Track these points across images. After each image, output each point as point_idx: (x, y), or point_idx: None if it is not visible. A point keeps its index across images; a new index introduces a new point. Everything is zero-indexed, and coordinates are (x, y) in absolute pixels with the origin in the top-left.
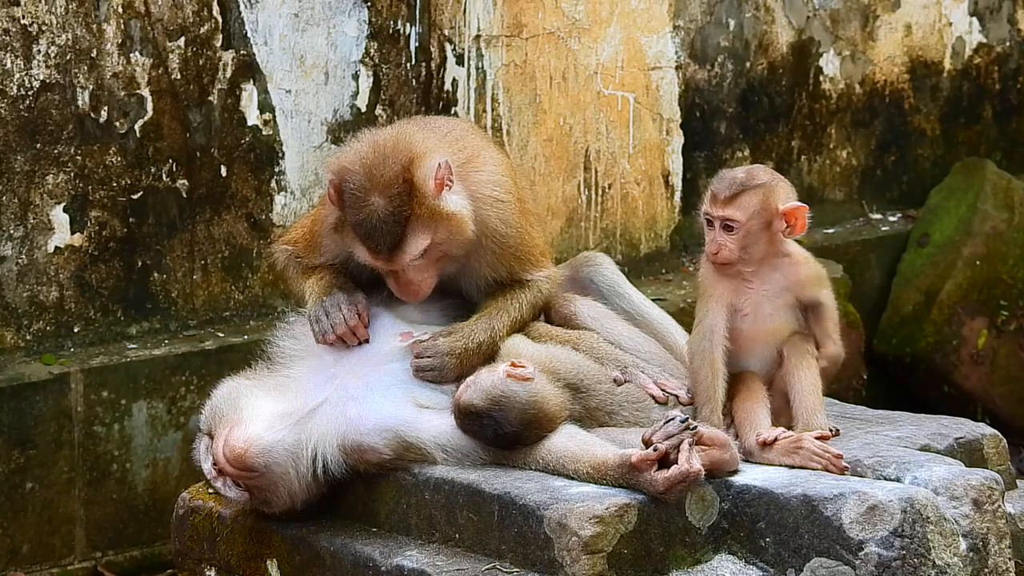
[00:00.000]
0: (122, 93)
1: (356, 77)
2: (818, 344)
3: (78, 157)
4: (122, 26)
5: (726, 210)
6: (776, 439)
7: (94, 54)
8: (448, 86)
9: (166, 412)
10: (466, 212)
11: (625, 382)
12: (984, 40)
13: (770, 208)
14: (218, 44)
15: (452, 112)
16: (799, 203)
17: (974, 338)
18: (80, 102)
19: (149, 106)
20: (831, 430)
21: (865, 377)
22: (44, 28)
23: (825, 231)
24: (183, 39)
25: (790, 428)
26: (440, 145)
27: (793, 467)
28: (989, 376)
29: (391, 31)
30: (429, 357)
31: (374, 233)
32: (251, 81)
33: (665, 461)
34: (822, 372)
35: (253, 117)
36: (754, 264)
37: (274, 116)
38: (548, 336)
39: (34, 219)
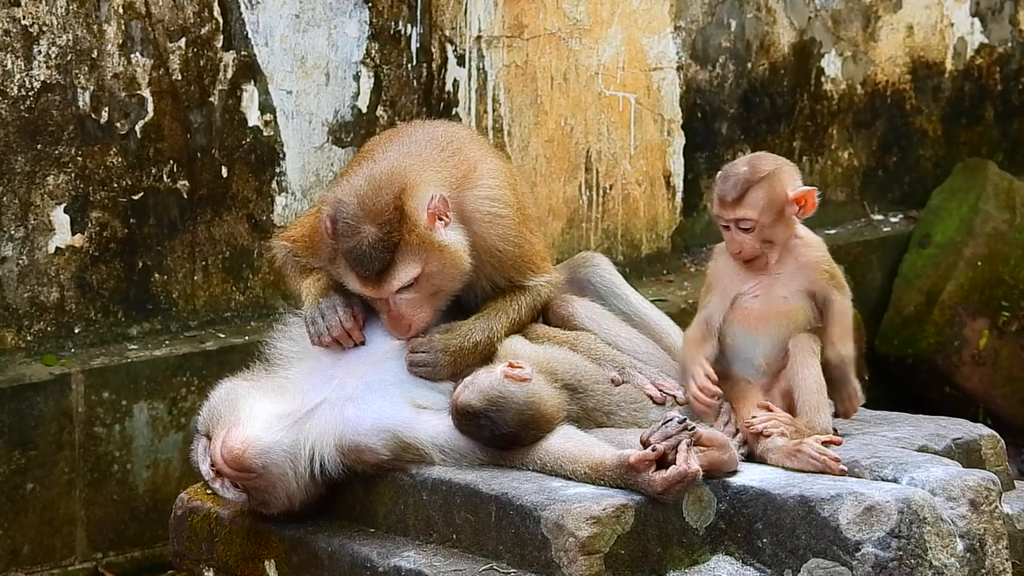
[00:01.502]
0: (123, 94)
1: (357, 78)
2: (824, 345)
3: (79, 158)
4: (123, 27)
5: (737, 211)
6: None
7: (95, 55)
8: (449, 87)
9: (167, 413)
10: (460, 246)
11: (623, 383)
12: (986, 41)
13: (780, 197)
14: (219, 45)
15: (453, 113)
16: (807, 187)
17: (976, 339)
18: (81, 103)
19: (150, 107)
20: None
21: (867, 378)
22: (45, 29)
23: (827, 232)
24: (184, 40)
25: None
26: (436, 168)
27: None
28: (991, 377)
29: (392, 32)
30: (423, 352)
31: (363, 259)
32: (252, 82)
33: (663, 462)
34: (834, 375)
35: (254, 118)
36: (779, 250)
37: (275, 117)
38: (546, 337)
39: (35, 220)
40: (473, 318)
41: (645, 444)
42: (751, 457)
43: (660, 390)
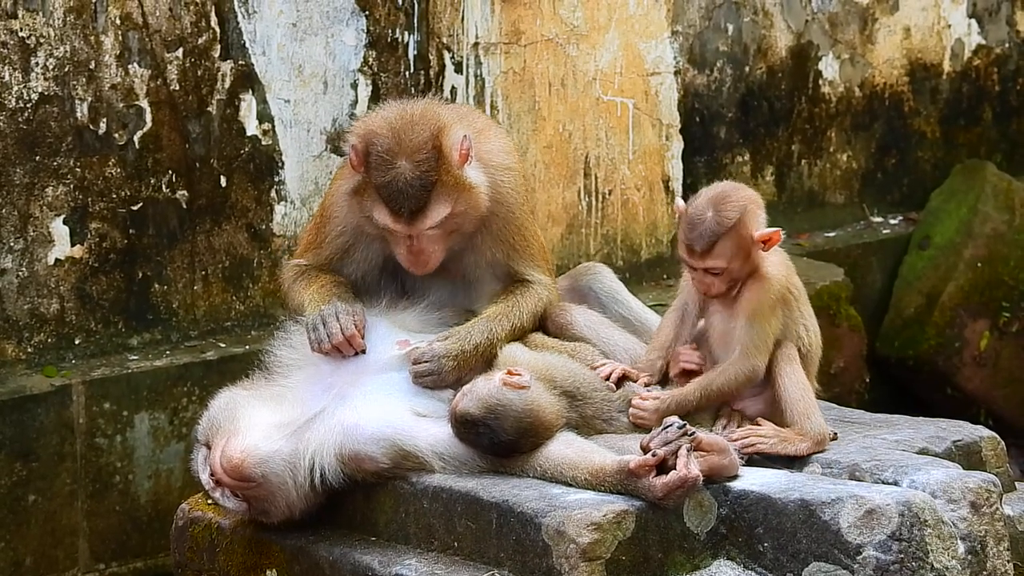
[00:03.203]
0: (121, 104)
1: (355, 86)
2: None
3: (77, 169)
4: (120, 38)
5: (706, 261)
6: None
7: (92, 66)
8: (447, 94)
9: (168, 423)
10: (484, 187)
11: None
12: (983, 42)
13: (747, 242)
14: (216, 54)
15: None
16: (773, 229)
17: (976, 340)
18: (79, 114)
19: (148, 117)
20: (830, 433)
21: (867, 380)
22: (42, 40)
23: (826, 235)
24: (181, 50)
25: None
26: (456, 116)
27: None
28: (992, 378)
29: (389, 40)
30: (426, 362)
31: (399, 196)
32: (250, 91)
33: (663, 467)
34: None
35: (252, 127)
36: (741, 282)
37: (273, 126)
38: (544, 347)
39: (34, 231)
40: (472, 321)
41: (645, 450)
42: (752, 461)
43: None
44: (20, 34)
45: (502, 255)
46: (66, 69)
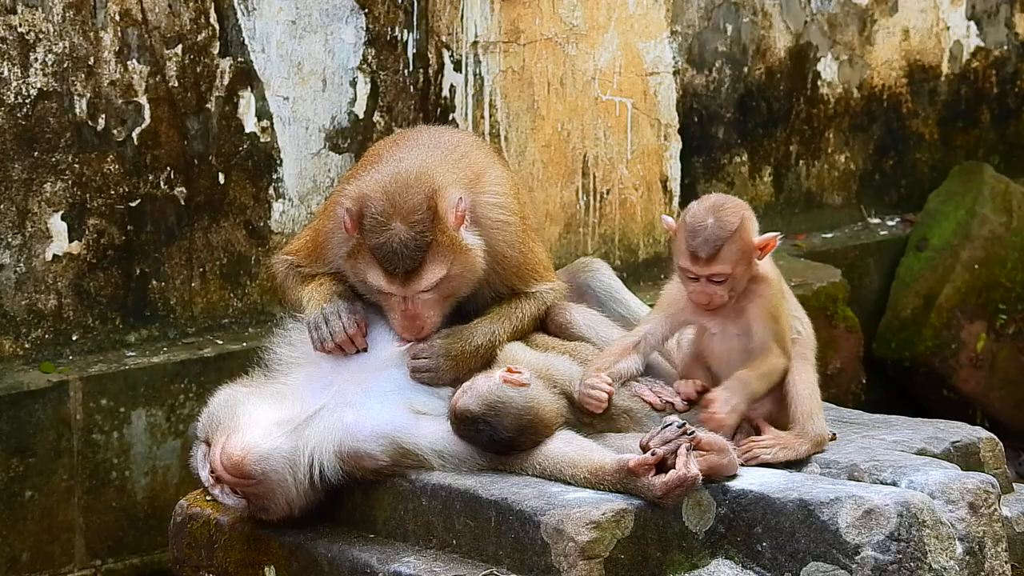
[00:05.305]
0: (120, 101)
1: (354, 84)
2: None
3: (76, 165)
4: (119, 34)
5: (712, 267)
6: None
7: (91, 62)
8: (446, 92)
9: (165, 420)
10: (480, 250)
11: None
12: (982, 44)
13: (749, 248)
14: (215, 51)
15: (450, 119)
16: (771, 235)
17: (973, 342)
18: (78, 110)
19: (147, 114)
20: (829, 435)
21: (864, 381)
22: (41, 36)
23: (823, 236)
24: (180, 46)
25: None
26: (452, 172)
27: None
28: (988, 379)
29: (388, 38)
30: (425, 358)
31: (393, 256)
32: (249, 88)
33: (663, 466)
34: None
35: (251, 124)
36: (739, 292)
37: (272, 123)
38: (545, 347)
39: (32, 227)
40: (475, 322)
41: (644, 448)
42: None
43: (659, 397)
44: (19, 30)
45: (501, 291)
46: (65, 65)
